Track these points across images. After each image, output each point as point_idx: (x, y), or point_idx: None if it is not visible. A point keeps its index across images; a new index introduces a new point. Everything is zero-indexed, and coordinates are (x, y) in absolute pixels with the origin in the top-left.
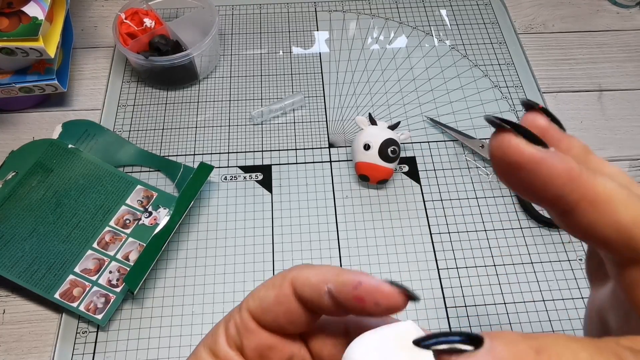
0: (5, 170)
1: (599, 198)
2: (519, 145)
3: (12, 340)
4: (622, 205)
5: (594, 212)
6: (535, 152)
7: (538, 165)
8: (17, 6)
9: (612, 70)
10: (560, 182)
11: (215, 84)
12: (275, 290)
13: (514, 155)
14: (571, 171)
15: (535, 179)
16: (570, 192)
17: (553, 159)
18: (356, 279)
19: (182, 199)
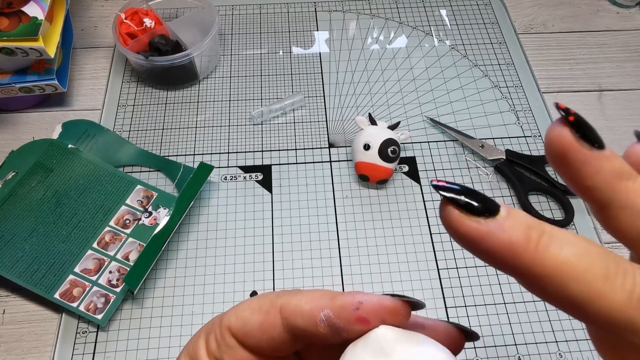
0: (5, 170)
1: (545, 272)
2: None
3: (12, 340)
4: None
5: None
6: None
7: (479, 241)
8: (17, 6)
9: (612, 70)
10: (502, 256)
11: (215, 84)
12: (262, 316)
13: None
14: (512, 246)
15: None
16: (514, 265)
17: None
18: (355, 299)
19: (182, 199)
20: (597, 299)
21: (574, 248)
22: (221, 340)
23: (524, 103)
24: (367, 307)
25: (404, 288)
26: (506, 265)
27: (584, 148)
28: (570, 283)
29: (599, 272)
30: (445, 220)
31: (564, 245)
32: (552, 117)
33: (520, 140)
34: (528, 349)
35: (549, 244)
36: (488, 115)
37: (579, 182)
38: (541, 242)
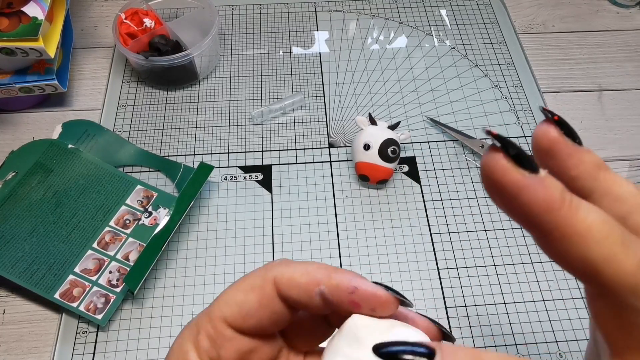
0: (5, 170)
1: (574, 231)
2: (506, 169)
3: (12, 340)
4: (596, 242)
5: (566, 244)
6: (519, 178)
7: (519, 191)
8: (17, 6)
9: (612, 70)
10: (538, 210)
11: (215, 84)
12: (256, 293)
13: (499, 177)
14: (550, 202)
15: (515, 203)
16: (545, 221)
17: (535, 187)
18: (351, 283)
19: (182, 199)
20: (613, 262)
21: (600, 215)
22: (216, 334)
23: (524, 103)
24: (361, 293)
25: (404, 288)
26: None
27: (568, 142)
28: (592, 244)
29: (617, 238)
30: (490, 167)
31: (591, 210)
32: None
33: (520, 140)
34: (528, 349)
35: (579, 207)
36: (488, 115)
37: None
38: (573, 204)
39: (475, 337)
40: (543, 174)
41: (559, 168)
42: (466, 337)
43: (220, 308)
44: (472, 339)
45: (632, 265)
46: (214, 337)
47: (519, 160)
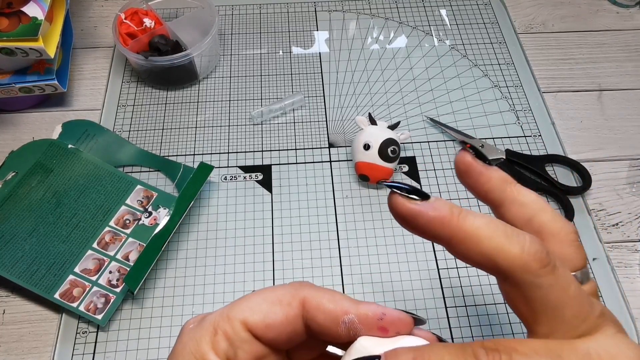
0: (5, 170)
1: (467, 235)
2: (403, 202)
3: (12, 340)
4: (485, 239)
5: (463, 245)
6: (414, 206)
7: (417, 215)
8: (17, 6)
9: (611, 70)
10: (435, 225)
11: (215, 84)
12: (284, 308)
13: (401, 209)
14: (441, 217)
15: (419, 225)
16: (443, 233)
17: (427, 209)
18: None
19: (182, 199)
20: (502, 251)
21: (483, 219)
22: (234, 335)
23: (523, 103)
24: (388, 319)
25: (404, 288)
26: (436, 233)
27: (479, 163)
28: (483, 241)
29: (501, 233)
30: (392, 204)
31: (477, 217)
32: (552, 117)
33: (520, 140)
34: None
35: (467, 216)
36: (488, 115)
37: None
38: (461, 215)
39: (475, 337)
40: (433, 199)
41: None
42: (466, 337)
43: (242, 311)
44: (472, 338)
45: (517, 250)
46: (232, 338)
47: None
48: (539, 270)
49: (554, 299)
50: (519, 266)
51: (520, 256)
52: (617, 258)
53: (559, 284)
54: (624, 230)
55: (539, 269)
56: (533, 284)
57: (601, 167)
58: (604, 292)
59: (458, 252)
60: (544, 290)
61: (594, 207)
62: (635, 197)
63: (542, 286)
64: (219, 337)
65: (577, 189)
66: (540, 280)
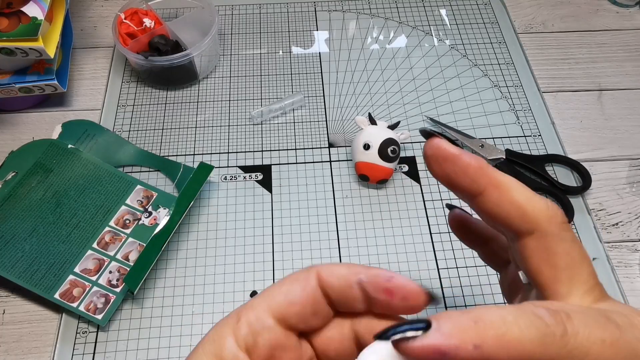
0: (5, 170)
1: (500, 184)
2: (446, 145)
3: (12, 340)
4: (516, 190)
5: (498, 193)
6: (456, 150)
7: (458, 158)
8: (17, 6)
9: (611, 69)
10: (473, 171)
11: (215, 83)
12: (301, 283)
13: (442, 151)
14: (480, 164)
15: (455, 169)
16: (480, 178)
17: (467, 155)
18: (388, 273)
19: (182, 199)
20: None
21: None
22: (256, 322)
23: (523, 103)
24: (396, 282)
25: None
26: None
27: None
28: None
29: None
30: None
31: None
32: (552, 117)
33: (520, 139)
34: None
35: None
36: (488, 115)
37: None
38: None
39: None
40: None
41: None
42: None
43: (265, 299)
44: None
45: (542, 203)
46: (254, 325)
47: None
48: (563, 224)
49: (576, 254)
50: (546, 217)
51: (547, 208)
52: (617, 258)
53: (577, 242)
54: (624, 230)
55: (562, 222)
56: (559, 236)
57: (601, 167)
58: None
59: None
60: (568, 244)
61: (593, 207)
62: (635, 197)
63: (566, 239)
64: (241, 324)
65: (577, 189)
66: (565, 234)
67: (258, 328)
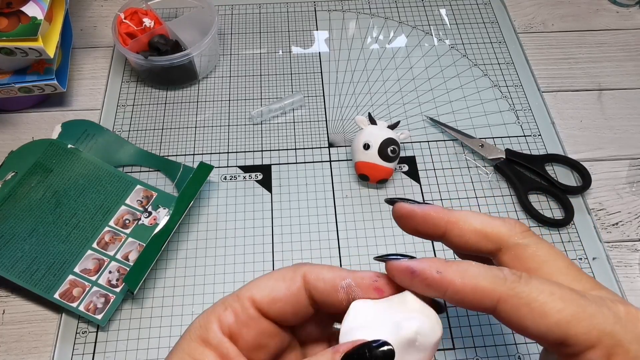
0: (5, 170)
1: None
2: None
3: (12, 340)
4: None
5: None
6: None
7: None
8: (16, 6)
9: (611, 69)
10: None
11: (215, 83)
12: (287, 282)
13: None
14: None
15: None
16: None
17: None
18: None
19: (182, 198)
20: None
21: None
22: (242, 312)
23: (523, 102)
24: (383, 280)
25: None
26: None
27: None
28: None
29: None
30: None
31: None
32: (551, 117)
33: (520, 139)
34: (528, 349)
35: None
36: (488, 115)
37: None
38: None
39: (475, 336)
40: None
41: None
42: (466, 336)
43: (250, 290)
44: (472, 338)
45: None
46: (240, 315)
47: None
48: (523, 232)
49: (543, 253)
50: (505, 233)
51: (504, 225)
52: (617, 257)
53: (543, 243)
54: (624, 229)
55: (522, 232)
56: (521, 244)
57: (601, 167)
58: None
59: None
60: (533, 248)
61: (593, 206)
62: (635, 197)
63: (530, 245)
64: (227, 312)
65: (577, 189)
66: (527, 241)
67: (243, 318)
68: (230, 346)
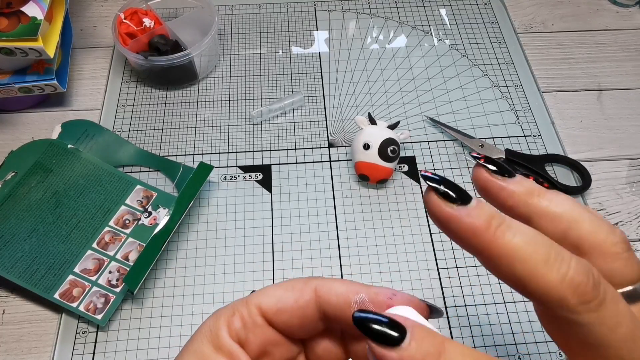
0: (5, 170)
1: (499, 253)
2: (438, 204)
3: (12, 340)
4: (520, 261)
5: (493, 263)
6: (447, 211)
7: (448, 221)
8: (17, 6)
9: (611, 69)
10: (466, 235)
11: (215, 83)
12: (296, 293)
13: (433, 211)
14: (473, 228)
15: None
16: (473, 245)
17: (460, 217)
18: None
19: (182, 198)
20: (537, 279)
21: (525, 237)
22: (249, 318)
23: (523, 102)
24: (399, 299)
25: (404, 288)
26: (468, 244)
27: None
28: (516, 264)
29: (540, 257)
30: (428, 204)
31: (517, 233)
32: (551, 117)
33: (520, 139)
34: (528, 349)
35: (505, 231)
36: (488, 115)
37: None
38: (499, 229)
39: (475, 336)
40: (474, 203)
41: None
42: (466, 336)
43: (258, 297)
44: (472, 338)
45: (555, 280)
46: (247, 321)
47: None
48: (580, 306)
49: (595, 340)
50: (554, 299)
51: (558, 287)
52: None
53: (606, 324)
54: (624, 229)
55: (580, 305)
56: (571, 320)
57: (601, 167)
58: None
59: (489, 268)
60: (584, 329)
61: (593, 206)
62: (635, 197)
63: (583, 324)
64: (235, 318)
65: (576, 189)
66: (581, 318)
67: (250, 325)
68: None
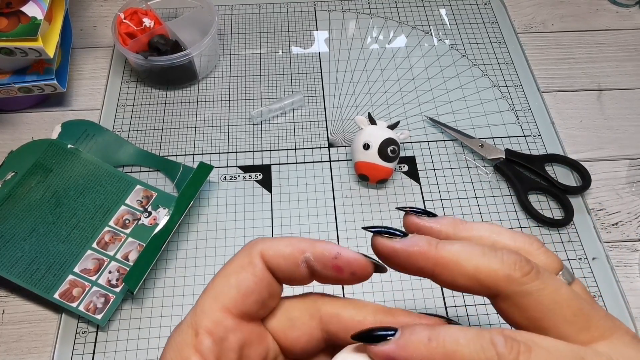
0: (5, 170)
1: (447, 261)
2: (385, 243)
3: (12, 340)
4: (465, 260)
5: (446, 271)
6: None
7: (397, 253)
8: (16, 6)
9: (611, 69)
10: (416, 259)
11: (215, 83)
12: (248, 270)
13: (382, 249)
14: (421, 250)
15: (400, 261)
16: (425, 264)
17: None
18: (334, 249)
19: (182, 198)
20: (483, 269)
21: (458, 244)
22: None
23: (523, 102)
24: (343, 258)
25: (404, 287)
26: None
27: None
28: (463, 263)
29: (478, 253)
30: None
31: (452, 244)
32: (551, 117)
33: (519, 139)
34: None
35: (444, 245)
36: (487, 115)
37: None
38: (439, 245)
39: None
40: (412, 234)
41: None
42: None
43: (215, 299)
44: None
45: (497, 264)
46: (215, 332)
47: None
48: (523, 277)
49: (547, 301)
50: (502, 279)
51: (501, 269)
52: (616, 257)
53: (548, 287)
54: (624, 229)
55: (522, 276)
56: (522, 292)
57: (601, 167)
58: (603, 292)
59: (444, 280)
60: (535, 296)
61: (593, 206)
62: (635, 197)
63: (532, 292)
64: (200, 337)
65: (576, 189)
66: (528, 287)
67: (220, 334)
68: None
